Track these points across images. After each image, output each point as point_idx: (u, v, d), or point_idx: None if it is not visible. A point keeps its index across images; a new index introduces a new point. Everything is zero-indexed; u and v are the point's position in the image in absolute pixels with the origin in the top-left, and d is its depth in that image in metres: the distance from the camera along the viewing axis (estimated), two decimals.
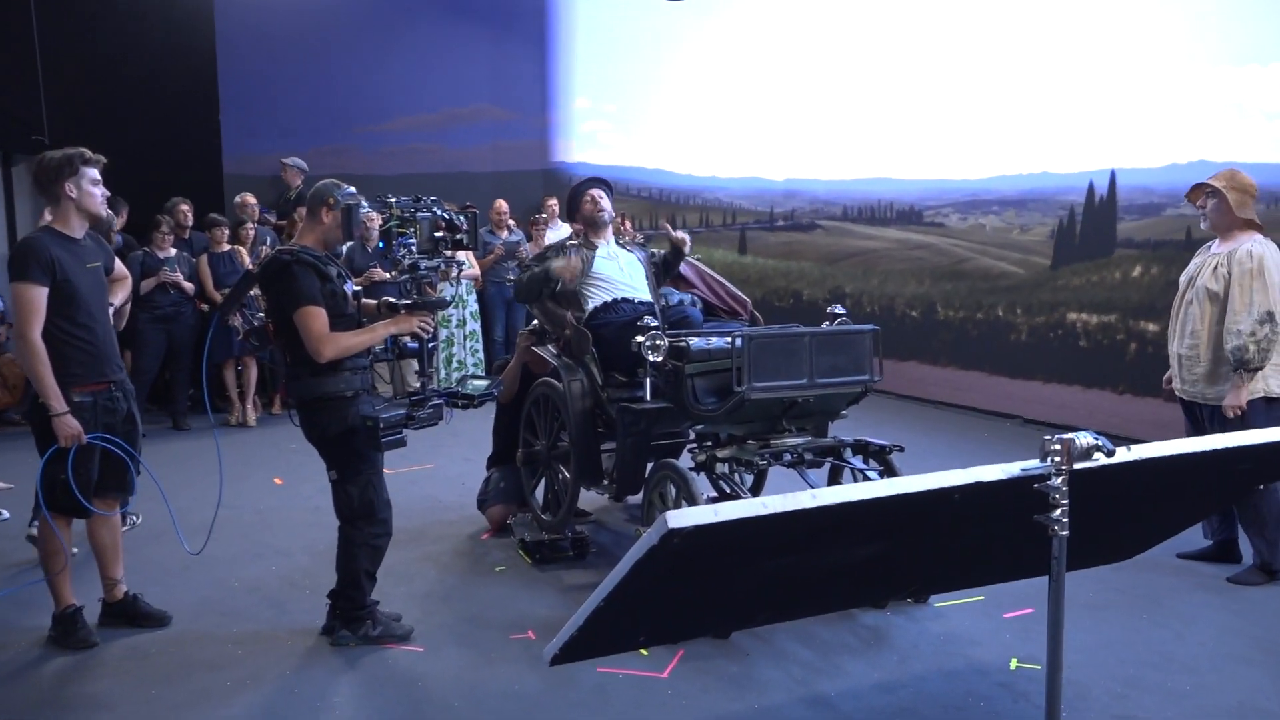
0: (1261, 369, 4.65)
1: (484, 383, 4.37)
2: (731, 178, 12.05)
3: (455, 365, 9.70)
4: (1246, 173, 4.90)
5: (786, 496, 2.36)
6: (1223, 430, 4.65)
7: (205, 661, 4.13)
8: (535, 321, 5.54)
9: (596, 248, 5.29)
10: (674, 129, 12.27)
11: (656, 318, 4.78)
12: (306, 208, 4.16)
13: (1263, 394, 4.68)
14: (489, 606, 4.65)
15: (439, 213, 4.25)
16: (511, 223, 10.45)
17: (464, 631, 4.39)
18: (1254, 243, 4.71)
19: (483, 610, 4.62)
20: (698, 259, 5.87)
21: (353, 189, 4.14)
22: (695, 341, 4.63)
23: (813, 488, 4.37)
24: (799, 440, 4.55)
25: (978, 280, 9.03)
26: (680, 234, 5.37)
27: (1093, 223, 8.05)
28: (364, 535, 4.14)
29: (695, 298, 5.60)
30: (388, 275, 8.63)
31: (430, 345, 4.27)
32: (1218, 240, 4.87)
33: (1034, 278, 8.53)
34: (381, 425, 3.95)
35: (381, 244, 4.23)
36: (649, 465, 4.85)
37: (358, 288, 4.23)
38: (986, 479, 2.54)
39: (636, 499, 5.42)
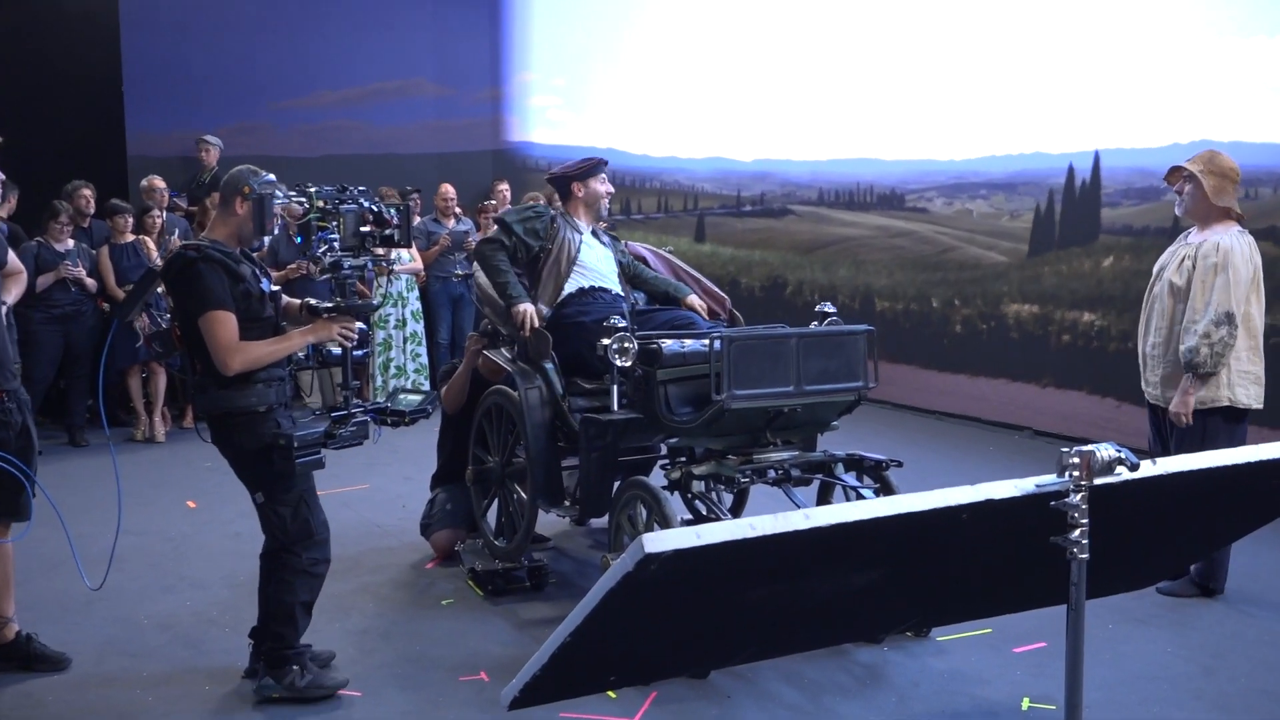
0: (1214, 374, 4.74)
1: (418, 397, 4.34)
2: (694, 158, 12.10)
3: (394, 372, 9.67)
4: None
5: (777, 517, 2.36)
6: (1181, 439, 4.79)
7: (111, 709, 4.09)
8: (485, 322, 5.54)
9: (581, 231, 5.31)
10: (630, 105, 12.30)
11: (625, 316, 4.79)
12: (220, 196, 4.11)
13: (1228, 403, 4.78)
14: (435, 644, 4.64)
15: (367, 205, 4.21)
16: (459, 210, 10.43)
17: (407, 673, 4.37)
18: (1226, 235, 4.78)
19: (428, 649, 4.60)
20: (670, 252, 5.89)
21: (271, 177, 4.10)
22: (668, 344, 4.65)
23: (800, 508, 4.41)
24: (785, 455, 4.58)
25: (965, 271, 9.14)
26: (694, 300, 5.44)
27: (1086, 207, 8.19)
28: (301, 561, 4.11)
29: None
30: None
31: (361, 353, 4.24)
32: (1195, 229, 4.95)
33: (1023, 268, 8.66)
34: (295, 444, 3.91)
35: (300, 239, 4.18)
36: (616, 484, 4.86)
37: (276, 287, 4.18)
38: (998, 496, 2.55)
39: (602, 522, 5.42)
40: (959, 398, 9.22)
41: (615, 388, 4.67)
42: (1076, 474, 2.53)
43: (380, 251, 4.27)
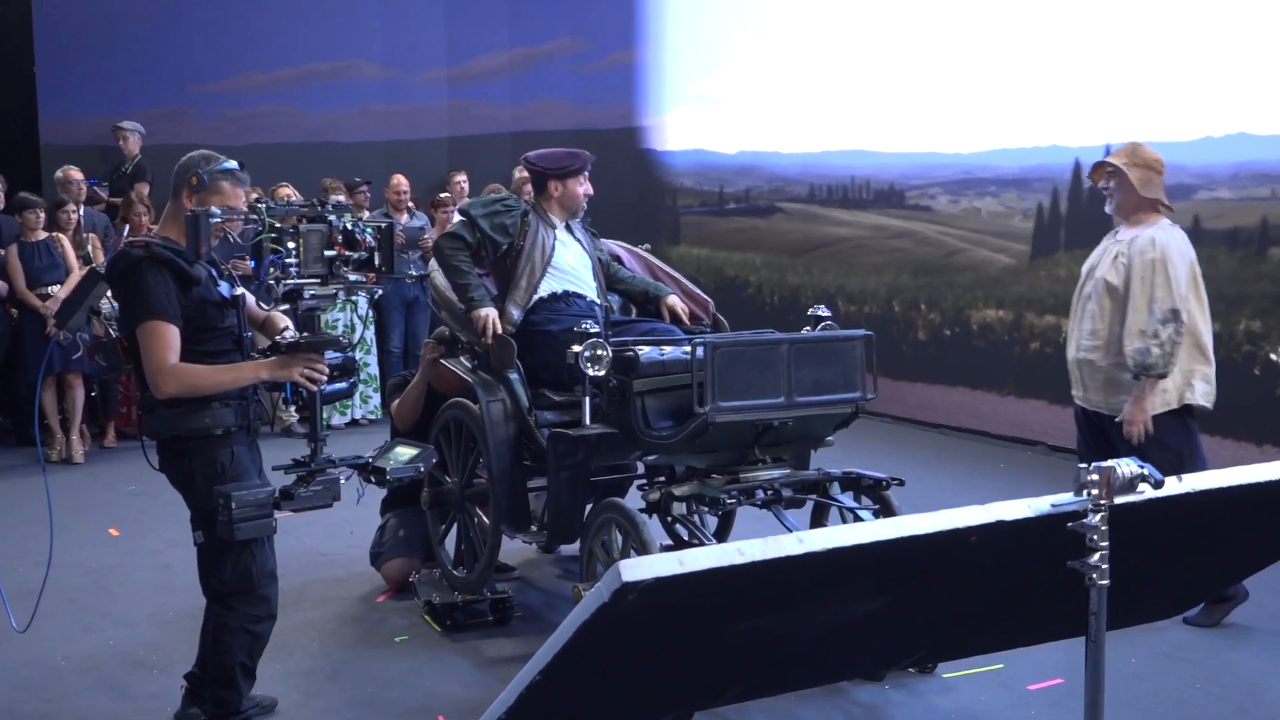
0: (1166, 375, 4.86)
1: (412, 452, 4.08)
2: (670, 150, 12.12)
3: None
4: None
5: (767, 541, 2.38)
6: (1129, 447, 4.91)
7: None
8: (442, 327, 5.54)
9: (555, 228, 5.33)
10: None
11: (598, 321, 4.80)
12: (172, 187, 3.98)
13: (1177, 404, 4.91)
14: (388, 686, 4.62)
15: (337, 223, 3.90)
16: (412, 204, 10.42)
17: (356, 718, 4.35)
18: (1159, 230, 4.96)
19: (380, 691, 4.58)
20: (647, 250, 5.91)
21: (231, 164, 3.94)
22: (645, 352, 4.66)
23: (792, 531, 4.42)
24: (775, 473, 4.59)
25: (972, 275, 9.18)
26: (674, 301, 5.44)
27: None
28: (238, 618, 3.97)
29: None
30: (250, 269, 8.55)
31: (347, 384, 4.03)
32: (1123, 225, 5.14)
33: (1036, 273, 8.70)
34: (235, 505, 3.68)
35: (253, 262, 3.87)
36: (588, 506, 4.86)
37: (240, 291, 4.01)
38: (1010, 517, 2.58)
39: (572, 549, 5.42)
40: (965, 411, 9.28)
41: (587, 400, 4.68)
42: (1095, 492, 2.56)
43: (354, 278, 3.96)
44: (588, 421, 4.69)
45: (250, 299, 4.16)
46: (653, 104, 12.29)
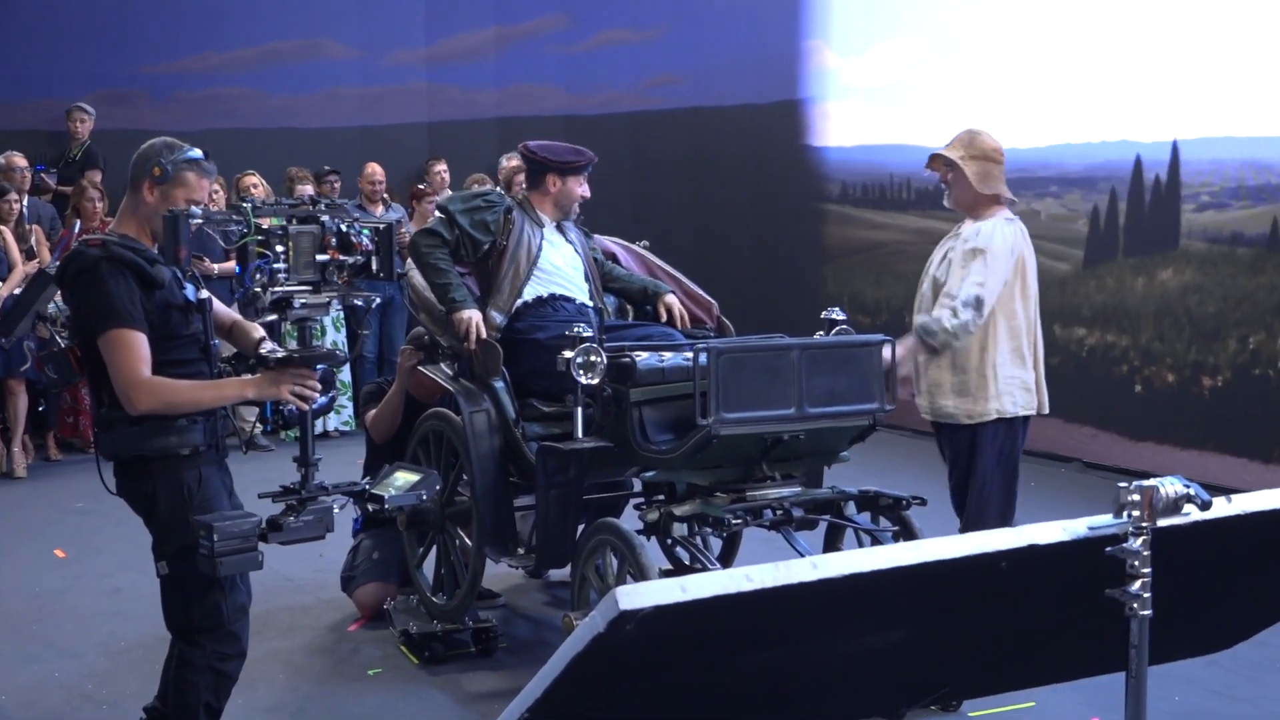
0: (937, 351, 4.95)
1: (413, 478, 4.04)
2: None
3: None
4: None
5: (778, 566, 2.38)
6: (955, 457, 5.04)
7: None
8: (420, 330, 5.55)
9: (544, 225, 5.34)
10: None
11: (591, 326, 4.80)
12: (129, 178, 3.93)
13: (996, 415, 4.99)
14: None
15: (330, 225, 3.86)
16: (387, 195, 10.44)
17: None
18: (992, 221, 5.09)
19: None
20: (645, 246, 5.92)
21: (196, 152, 3.88)
22: (643, 358, 4.67)
23: (804, 555, 4.43)
24: (785, 491, 4.60)
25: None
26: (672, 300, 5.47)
27: (1159, 208, 8.21)
28: (205, 655, 3.92)
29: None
30: (218, 270, 8.54)
31: (323, 400, 3.93)
32: (966, 220, 5.25)
33: (1086, 283, 8.68)
34: (218, 538, 3.62)
35: (238, 268, 3.80)
36: (580, 527, 4.87)
37: (205, 294, 3.94)
38: (1042, 541, 2.57)
39: (563, 574, 5.42)
40: None
41: (579, 411, 4.68)
42: (1137, 514, 2.56)
43: (341, 280, 3.91)
44: (580, 434, 4.69)
45: (218, 303, 4.12)
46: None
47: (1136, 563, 2.55)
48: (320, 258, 3.81)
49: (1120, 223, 8.45)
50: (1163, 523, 2.56)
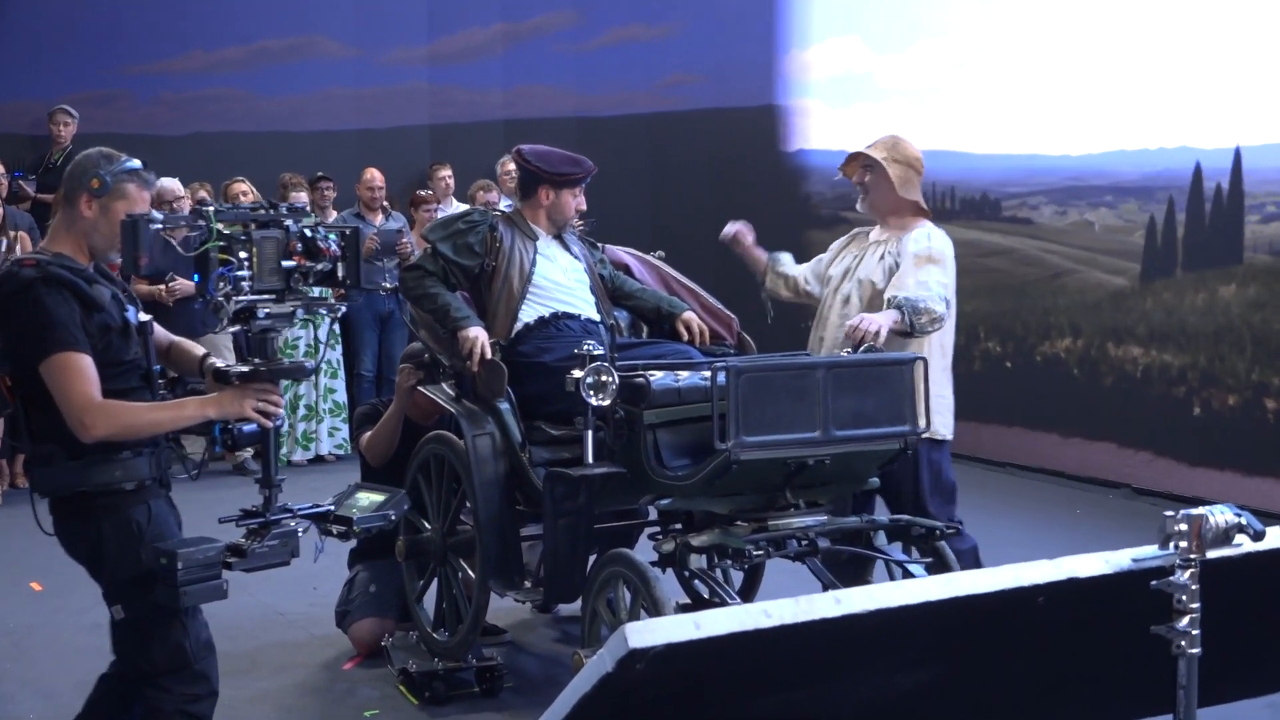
0: (913, 332, 5.03)
1: (379, 498, 4.05)
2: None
3: (303, 413, 9.68)
4: None
5: (799, 601, 2.39)
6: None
7: None
8: (417, 343, 5.56)
9: (537, 239, 5.35)
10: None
11: (602, 343, 4.81)
12: (63, 193, 3.92)
13: (928, 435, 5.00)
14: None
15: (295, 229, 3.84)
16: (387, 203, 10.47)
17: None
18: (930, 226, 5.33)
19: None
20: (660, 257, 5.93)
21: (134, 163, 3.87)
22: (658, 378, 4.67)
23: (830, 588, 4.42)
24: (810, 520, 4.59)
25: (1075, 300, 9.12)
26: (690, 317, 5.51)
27: (1220, 219, 8.18)
28: (174, 699, 3.88)
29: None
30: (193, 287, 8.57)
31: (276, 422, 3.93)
32: (876, 227, 5.42)
33: (1143, 299, 8.64)
34: (182, 566, 3.61)
35: (196, 276, 3.80)
36: (591, 559, 4.87)
37: (146, 317, 3.95)
38: (1083, 574, 2.58)
39: (573, 609, 5.42)
40: (1036, 449, 9.25)
41: (589, 434, 4.68)
42: (1184, 545, 2.56)
43: (317, 294, 3.93)
44: (590, 459, 4.69)
45: (157, 325, 4.09)
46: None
47: (1184, 597, 2.55)
48: (285, 264, 3.80)
49: (1179, 235, 8.41)
50: (1212, 554, 2.56)
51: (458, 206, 10.01)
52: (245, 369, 3.85)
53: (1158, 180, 8.59)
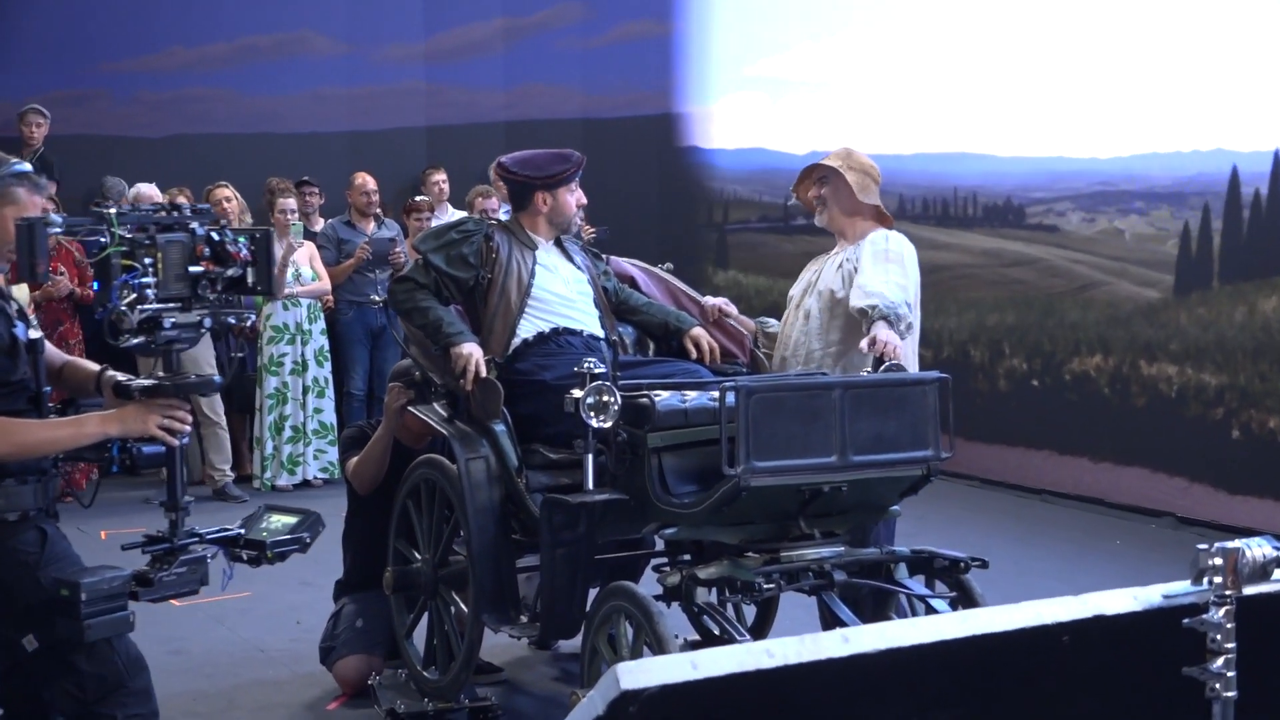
0: (903, 337, 5.11)
1: (290, 520, 4.04)
2: (720, 149, 12.06)
3: (289, 434, 9.69)
4: None
5: (804, 640, 2.38)
6: None
7: None
8: (407, 360, 5.57)
9: (536, 248, 5.36)
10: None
11: (604, 361, 4.81)
12: None
13: None
14: None
15: (201, 232, 3.83)
16: (380, 210, 10.49)
17: None
18: (891, 231, 5.52)
19: None
20: (667, 269, 5.94)
21: (23, 166, 3.83)
22: (663, 398, 4.67)
23: (849, 624, 4.42)
24: (826, 551, 4.59)
25: (1104, 314, 9.09)
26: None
27: (1262, 226, 8.16)
28: None
29: None
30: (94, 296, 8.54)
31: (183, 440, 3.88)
32: (838, 242, 5.59)
33: (1195, 313, 8.59)
34: (86, 596, 3.57)
35: (97, 284, 3.94)
36: (592, 591, 4.87)
37: (37, 334, 3.91)
38: (1110, 612, 2.57)
39: (573, 645, 5.42)
40: (1073, 475, 9.23)
41: (590, 458, 4.68)
42: (1219, 580, 2.55)
43: (211, 297, 3.85)
44: (590, 485, 4.70)
45: (50, 345, 4.06)
46: (693, 88, 12.29)
47: (1219, 636, 2.54)
48: (193, 269, 3.79)
49: (1215, 244, 8.39)
50: (1249, 590, 2.55)
51: (454, 214, 10.05)
52: (148, 383, 3.81)
53: (1192, 185, 8.57)
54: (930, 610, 4.58)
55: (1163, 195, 8.79)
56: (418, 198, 10.58)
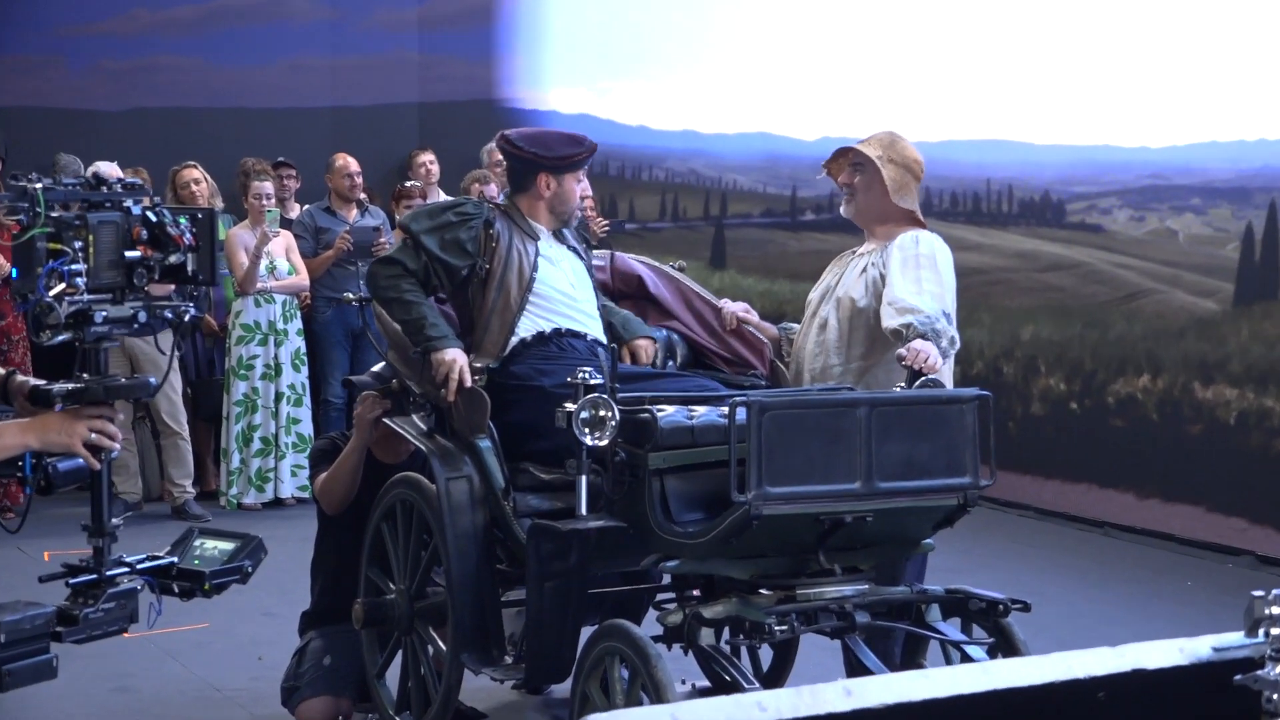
0: (946, 357, 5.07)
1: (227, 546, 3.96)
2: (722, 134, 12.06)
3: (259, 447, 9.70)
4: None
5: (800, 692, 2.38)
6: None
7: None
8: (382, 365, 5.56)
9: (538, 238, 5.36)
10: (620, 51, 12.37)
11: (603, 370, 4.80)
12: None
13: None
14: None
15: (137, 212, 3.78)
16: (364, 195, 10.49)
17: None
18: (923, 231, 5.42)
19: None
20: (679, 267, 5.93)
21: None
22: (668, 414, 4.66)
23: (875, 672, 4.40)
24: (848, 589, 4.58)
25: (1154, 326, 9.04)
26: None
27: None
28: None
29: (673, 335, 5.68)
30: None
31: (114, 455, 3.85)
32: (865, 240, 5.49)
33: (1259, 327, 8.54)
34: (5, 638, 3.50)
35: (15, 271, 3.73)
36: (584, 630, 4.85)
37: None
38: (1151, 666, 2.56)
39: (563, 688, 5.42)
40: (1140, 507, 9.17)
41: (583, 480, 4.67)
42: (1276, 631, 2.54)
43: (161, 292, 3.89)
44: (583, 510, 4.68)
45: None
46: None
47: (1276, 696, 2.53)
48: (129, 254, 3.74)
49: None
50: None
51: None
52: (71, 386, 3.71)
53: (1256, 180, 8.51)
54: (966, 658, 4.56)
55: (1223, 191, 8.75)
56: (408, 183, 10.57)
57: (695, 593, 4.87)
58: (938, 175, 10.20)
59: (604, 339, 5.34)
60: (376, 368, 5.80)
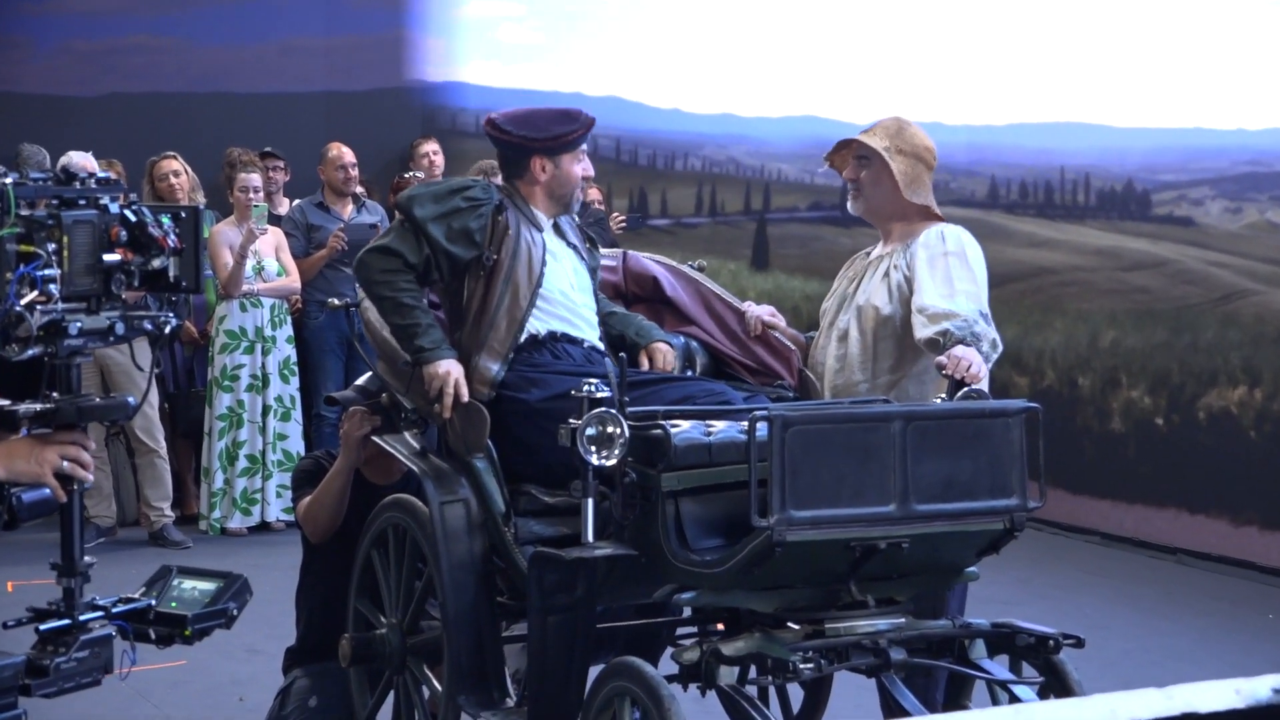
0: (988, 361, 5.04)
1: (209, 586, 3.93)
2: (764, 117, 12.05)
3: (244, 465, 9.72)
4: None
5: None
6: None
7: None
8: (370, 375, 5.57)
9: (543, 229, 5.35)
10: (649, 31, 12.40)
11: (607, 380, 4.80)
12: None
13: None
14: None
15: (116, 211, 3.73)
16: (361, 189, 10.51)
17: None
18: (944, 225, 5.42)
19: None
20: (698, 267, 5.92)
21: None
22: (682, 429, 4.66)
23: (913, 714, 4.39)
24: (882, 624, 4.57)
25: (1259, 333, 9.01)
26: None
27: None
28: None
29: (692, 343, 5.68)
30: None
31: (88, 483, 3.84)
32: (880, 241, 5.49)
33: None
34: None
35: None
36: (592, 669, 4.85)
37: None
38: (1204, 709, 2.55)
39: None
40: (1218, 533, 9.14)
41: (590, 504, 4.66)
42: None
43: (134, 298, 3.93)
44: (590, 537, 4.67)
45: None
46: None
47: None
48: (107, 258, 3.69)
49: None
50: None
51: None
52: (40, 407, 3.64)
53: None
54: (1014, 699, 4.55)
55: None
56: (408, 174, 10.58)
57: (719, 627, 4.86)
58: (1004, 163, 10.23)
59: (601, 346, 5.33)
60: (362, 380, 5.80)
